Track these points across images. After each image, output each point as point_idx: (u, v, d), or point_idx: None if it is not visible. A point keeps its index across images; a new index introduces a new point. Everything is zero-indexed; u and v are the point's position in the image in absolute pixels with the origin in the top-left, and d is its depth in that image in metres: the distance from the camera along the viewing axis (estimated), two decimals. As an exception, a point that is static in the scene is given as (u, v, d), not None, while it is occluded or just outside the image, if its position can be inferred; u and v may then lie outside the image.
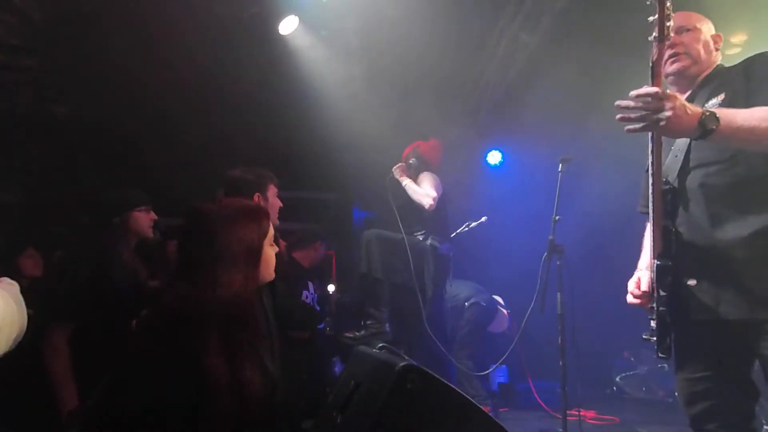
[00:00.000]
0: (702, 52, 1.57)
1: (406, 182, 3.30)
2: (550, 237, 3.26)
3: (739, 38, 3.32)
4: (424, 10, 3.88)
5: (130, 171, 4.40)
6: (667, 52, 1.57)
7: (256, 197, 2.13)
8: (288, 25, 4.13)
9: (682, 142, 1.53)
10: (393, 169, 3.38)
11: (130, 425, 1.11)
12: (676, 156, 1.54)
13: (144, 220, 2.28)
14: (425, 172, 3.35)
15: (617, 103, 1.35)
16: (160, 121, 4.66)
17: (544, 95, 4.59)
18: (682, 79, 1.60)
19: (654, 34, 1.35)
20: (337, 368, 3.84)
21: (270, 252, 1.45)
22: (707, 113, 1.29)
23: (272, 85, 4.63)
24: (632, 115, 1.33)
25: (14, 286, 0.92)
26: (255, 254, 1.34)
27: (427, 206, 3.17)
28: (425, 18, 3.92)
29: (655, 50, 1.36)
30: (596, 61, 3.85)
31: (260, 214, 1.44)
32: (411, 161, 3.41)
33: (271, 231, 1.45)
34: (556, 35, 4.00)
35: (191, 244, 1.33)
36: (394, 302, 3.14)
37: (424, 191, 3.21)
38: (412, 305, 3.09)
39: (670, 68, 1.59)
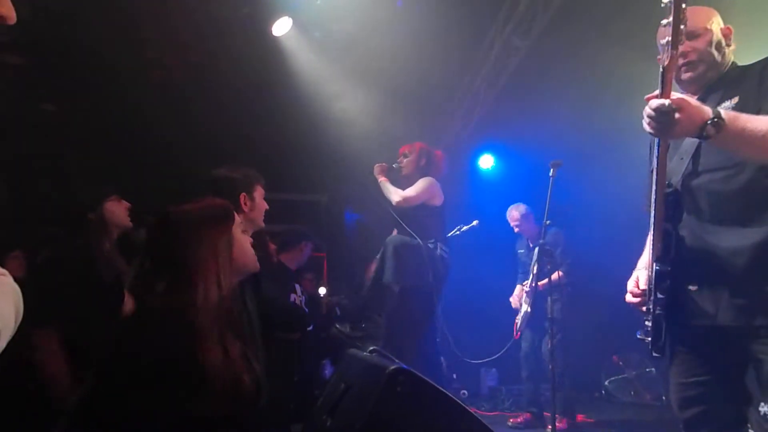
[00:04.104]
0: (716, 54, 1.51)
1: (381, 180, 3.29)
2: (541, 241, 3.28)
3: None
4: (418, 14, 3.89)
5: (119, 169, 4.36)
6: (680, 60, 1.50)
7: (242, 197, 2.08)
8: (281, 27, 4.12)
9: (688, 146, 1.51)
10: (374, 167, 3.35)
11: (125, 423, 1.11)
12: (682, 159, 1.51)
13: (118, 209, 2.24)
14: (427, 177, 3.27)
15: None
16: (149, 119, 4.62)
17: (536, 99, 4.62)
18: (695, 84, 1.55)
19: (667, 38, 1.26)
20: (327, 371, 3.82)
21: (242, 239, 1.45)
22: (713, 116, 1.26)
23: (264, 86, 4.61)
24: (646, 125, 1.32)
25: (6, 276, 0.91)
26: (226, 251, 1.36)
27: (394, 203, 3.15)
28: (419, 22, 3.93)
29: (667, 56, 1.28)
30: (588, 65, 3.88)
31: (225, 211, 1.45)
32: (395, 165, 3.38)
33: (238, 219, 1.47)
34: (549, 40, 4.04)
35: (162, 252, 1.33)
36: (402, 306, 3.10)
37: (394, 189, 3.19)
38: (423, 308, 3.04)
39: (684, 76, 1.54)
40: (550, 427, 3.06)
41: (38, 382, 1.83)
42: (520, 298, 4.13)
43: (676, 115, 1.25)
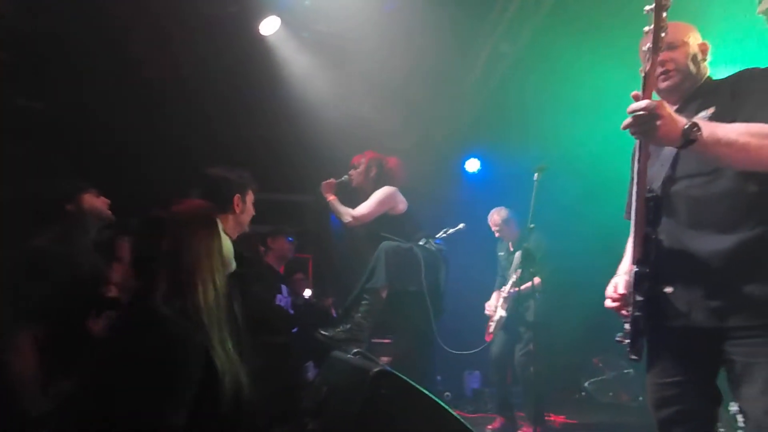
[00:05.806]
0: (691, 66, 1.59)
1: (330, 199, 3.13)
2: (525, 245, 3.32)
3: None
4: (407, 19, 3.91)
5: (107, 168, 4.27)
6: (658, 69, 1.57)
7: (235, 199, 2.08)
8: (269, 26, 4.10)
9: (668, 152, 1.56)
10: (321, 185, 3.17)
11: (121, 425, 1.12)
12: (662, 165, 1.56)
13: (96, 201, 2.20)
14: (385, 187, 3.13)
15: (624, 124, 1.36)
16: (137, 118, 4.55)
17: (523, 105, 4.68)
18: (673, 94, 1.62)
19: (648, 44, 1.33)
20: (310, 373, 3.80)
21: (225, 239, 1.49)
22: (690, 123, 1.31)
23: (251, 85, 4.58)
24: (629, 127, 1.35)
25: None
26: (218, 251, 1.40)
27: (345, 223, 3.06)
28: (407, 27, 3.95)
29: (648, 61, 1.35)
30: (576, 71, 3.94)
31: (211, 212, 1.49)
32: (343, 177, 3.21)
33: (219, 223, 1.50)
34: (536, 46, 4.09)
35: (157, 254, 1.33)
36: (400, 312, 3.04)
37: (344, 209, 3.07)
38: (421, 311, 2.98)
39: (662, 85, 1.60)
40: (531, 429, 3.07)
41: (7, 384, 1.79)
42: (495, 304, 4.06)
43: (658, 116, 1.30)
